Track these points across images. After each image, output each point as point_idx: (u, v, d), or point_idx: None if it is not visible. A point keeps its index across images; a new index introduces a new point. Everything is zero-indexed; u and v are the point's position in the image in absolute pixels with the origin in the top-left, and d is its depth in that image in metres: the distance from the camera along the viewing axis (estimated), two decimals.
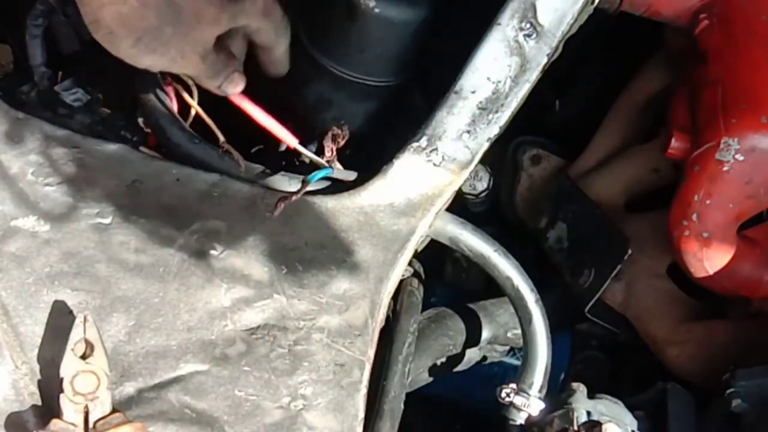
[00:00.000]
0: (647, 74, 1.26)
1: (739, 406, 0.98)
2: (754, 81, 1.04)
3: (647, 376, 1.17)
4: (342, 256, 0.98)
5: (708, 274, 1.08)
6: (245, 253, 0.96)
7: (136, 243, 0.93)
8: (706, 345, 1.14)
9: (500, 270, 1.04)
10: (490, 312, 1.21)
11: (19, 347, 0.87)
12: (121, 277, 0.91)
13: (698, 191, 1.05)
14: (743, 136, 1.02)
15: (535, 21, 0.99)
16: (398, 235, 0.99)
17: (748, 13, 1.08)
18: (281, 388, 0.92)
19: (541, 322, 1.05)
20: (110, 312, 0.90)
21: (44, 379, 0.86)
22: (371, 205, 1.00)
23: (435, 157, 1.00)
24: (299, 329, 0.94)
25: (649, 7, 1.12)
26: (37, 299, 0.88)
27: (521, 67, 1.00)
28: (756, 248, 1.10)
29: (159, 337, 0.90)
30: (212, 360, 0.91)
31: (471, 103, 1.00)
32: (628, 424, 1.00)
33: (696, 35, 1.10)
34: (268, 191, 0.99)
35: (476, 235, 1.05)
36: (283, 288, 0.95)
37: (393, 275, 0.99)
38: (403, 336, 1.03)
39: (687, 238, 1.06)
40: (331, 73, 1.07)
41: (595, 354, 1.34)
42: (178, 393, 0.89)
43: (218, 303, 0.93)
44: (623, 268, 1.18)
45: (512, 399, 1.02)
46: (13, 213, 0.91)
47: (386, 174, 1.00)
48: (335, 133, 1.01)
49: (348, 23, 1.02)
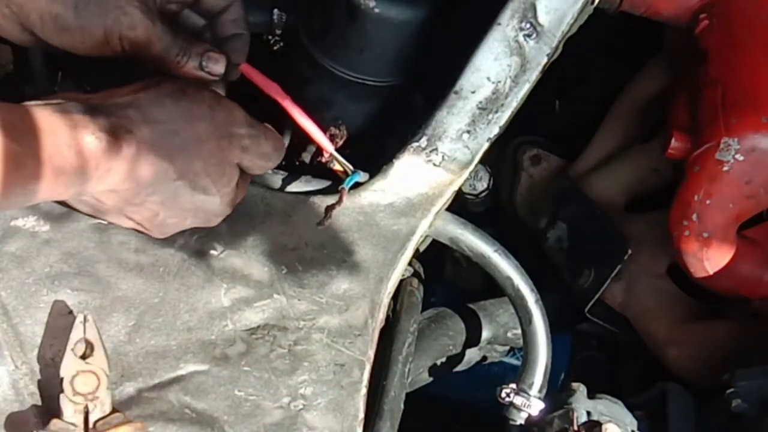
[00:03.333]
0: (647, 74, 1.26)
1: (739, 406, 0.98)
2: (754, 81, 1.04)
3: (647, 376, 1.17)
4: (342, 256, 0.98)
5: (708, 274, 1.08)
6: (245, 253, 0.96)
7: (136, 243, 0.93)
8: (706, 345, 1.14)
9: (500, 270, 1.04)
10: (490, 312, 1.21)
11: (19, 347, 0.87)
12: (121, 277, 0.91)
13: (698, 191, 1.04)
14: (743, 136, 1.02)
15: (535, 21, 0.99)
16: (398, 235, 0.99)
17: (748, 13, 1.08)
18: (281, 388, 0.92)
19: (541, 322, 1.05)
20: (110, 312, 0.90)
21: (44, 379, 0.86)
22: (371, 205, 1.00)
23: (435, 157, 1.00)
24: (299, 329, 0.94)
25: (649, 7, 1.12)
26: (37, 299, 0.88)
27: (521, 67, 1.00)
28: (756, 248, 1.10)
29: (159, 337, 0.90)
30: (212, 360, 0.91)
31: (471, 103, 1.00)
32: (628, 424, 1.00)
33: (696, 35, 1.10)
34: (268, 191, 0.99)
35: (476, 235, 1.05)
36: (283, 288, 0.95)
37: (393, 275, 0.99)
38: (403, 336, 1.03)
39: (687, 238, 1.06)
40: (331, 73, 1.07)
41: (595, 354, 1.35)
42: (178, 393, 0.89)
43: (218, 303, 0.93)
44: (623, 268, 1.18)
45: (512, 399, 1.02)
46: (13, 213, 0.90)
47: (386, 174, 1.00)
48: (333, 133, 1.01)
49: (348, 23, 1.02)
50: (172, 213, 0.88)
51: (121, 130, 0.80)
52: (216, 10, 0.95)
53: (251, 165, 0.91)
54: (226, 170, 0.89)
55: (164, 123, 0.84)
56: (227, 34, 0.95)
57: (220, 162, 0.88)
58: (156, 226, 0.90)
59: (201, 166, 0.86)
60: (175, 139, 0.84)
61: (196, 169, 0.86)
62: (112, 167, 0.80)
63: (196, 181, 0.86)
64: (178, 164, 0.84)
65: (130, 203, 0.86)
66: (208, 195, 0.88)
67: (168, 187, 0.85)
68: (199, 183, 0.86)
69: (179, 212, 0.88)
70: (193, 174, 0.86)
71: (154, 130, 0.82)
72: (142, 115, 0.82)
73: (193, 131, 0.85)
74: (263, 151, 0.92)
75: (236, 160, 0.90)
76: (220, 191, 0.89)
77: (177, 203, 0.87)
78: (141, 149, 0.81)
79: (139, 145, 0.81)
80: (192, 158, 0.85)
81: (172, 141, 0.84)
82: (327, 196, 0.99)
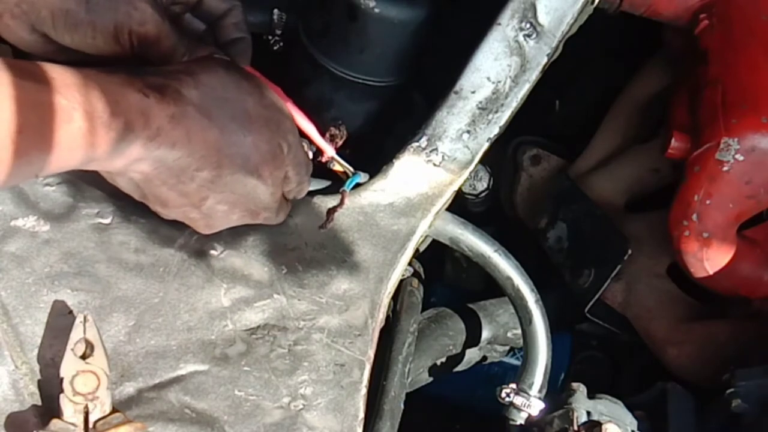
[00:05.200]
0: (647, 74, 1.26)
1: (739, 406, 0.98)
2: (754, 81, 1.04)
3: (647, 376, 1.17)
4: (342, 256, 0.98)
5: (708, 274, 1.08)
6: (245, 253, 0.96)
7: (136, 243, 0.93)
8: (706, 345, 1.14)
9: (500, 270, 1.04)
10: (490, 312, 1.21)
11: (19, 347, 0.87)
12: (121, 277, 0.91)
13: (698, 191, 1.05)
14: (743, 136, 1.02)
15: (535, 21, 0.99)
16: (398, 235, 0.99)
17: (748, 13, 1.08)
18: (281, 388, 0.92)
19: (541, 322, 1.05)
20: (110, 312, 0.90)
21: (44, 379, 0.86)
22: (371, 205, 1.00)
23: (435, 157, 1.00)
24: (299, 329, 0.94)
25: (649, 7, 1.12)
26: (37, 299, 0.88)
27: (521, 67, 1.00)
28: (756, 248, 1.10)
29: (159, 337, 0.90)
30: (212, 360, 0.91)
31: (471, 103, 1.00)
32: (628, 424, 1.00)
33: (696, 35, 1.10)
34: None
35: (476, 235, 1.05)
36: (283, 288, 0.95)
37: (393, 275, 0.99)
38: (403, 336, 1.03)
39: (687, 238, 1.06)
40: (331, 73, 1.07)
41: (595, 354, 1.35)
42: (178, 393, 0.89)
43: (218, 303, 0.93)
44: (623, 268, 1.18)
45: (512, 399, 1.02)
46: (13, 213, 0.90)
47: (386, 174, 1.00)
48: (333, 133, 1.01)
49: (348, 23, 1.02)
50: (222, 197, 0.86)
51: (169, 89, 0.79)
52: (217, 13, 0.95)
53: (291, 171, 0.90)
54: (276, 154, 0.87)
55: (215, 89, 0.82)
56: (229, 38, 0.95)
57: (270, 142, 0.86)
58: (204, 214, 0.87)
59: (252, 141, 0.84)
60: (225, 106, 0.82)
61: (247, 143, 0.84)
62: (161, 127, 0.77)
63: (247, 157, 0.84)
64: (229, 135, 0.82)
65: (179, 179, 0.83)
66: (259, 179, 0.86)
67: (218, 161, 0.83)
68: (251, 161, 0.84)
69: (228, 196, 0.86)
70: (244, 148, 0.84)
71: (204, 93, 0.81)
72: (193, 78, 0.81)
73: (243, 104, 0.84)
74: (300, 159, 0.91)
75: (285, 151, 0.88)
76: (272, 175, 0.87)
77: (227, 184, 0.85)
78: (189, 111, 0.79)
79: (188, 108, 0.79)
80: (242, 131, 0.83)
81: (223, 107, 0.82)
82: (327, 196, 0.99)
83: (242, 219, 0.91)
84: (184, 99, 0.80)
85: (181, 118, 0.79)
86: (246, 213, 0.90)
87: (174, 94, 0.79)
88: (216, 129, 0.82)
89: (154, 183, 0.84)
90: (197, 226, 0.90)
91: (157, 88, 0.78)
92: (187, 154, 0.81)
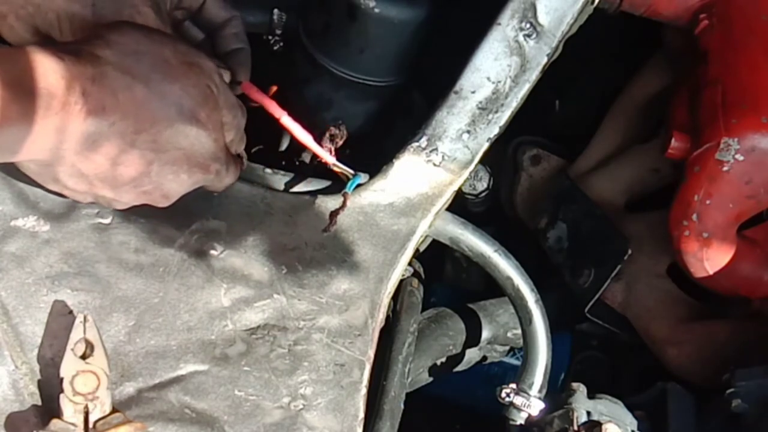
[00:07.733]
0: (647, 74, 1.26)
1: (739, 406, 0.98)
2: (754, 81, 1.04)
3: (647, 376, 1.17)
4: (342, 256, 0.98)
5: (708, 274, 1.08)
6: (245, 253, 0.96)
7: (136, 243, 0.93)
8: (706, 345, 1.14)
9: (500, 270, 1.04)
10: (490, 312, 1.21)
11: (19, 347, 0.87)
12: (121, 277, 0.91)
13: (698, 191, 1.05)
14: (743, 136, 1.02)
15: (535, 21, 0.99)
16: (398, 235, 0.99)
17: (748, 13, 1.08)
18: (281, 388, 0.92)
19: (541, 322, 1.05)
20: (110, 312, 0.90)
21: (44, 379, 0.86)
22: (371, 205, 1.00)
23: (435, 157, 1.00)
24: (299, 329, 0.94)
25: (649, 7, 1.12)
26: (37, 299, 0.88)
27: (521, 67, 1.00)
28: (756, 248, 1.10)
29: (159, 337, 0.90)
30: (212, 360, 0.91)
31: (471, 103, 1.00)
32: (628, 424, 1.00)
33: (696, 35, 1.10)
34: (268, 191, 0.99)
35: (476, 235, 1.05)
36: (283, 288, 0.95)
37: (393, 275, 0.99)
38: (403, 336, 1.03)
39: (687, 238, 1.06)
40: (331, 73, 1.07)
41: (595, 354, 1.35)
42: (178, 393, 0.89)
43: (218, 303, 0.93)
44: (623, 268, 1.18)
45: (512, 399, 1.02)
46: (13, 213, 0.91)
47: (386, 174, 1.00)
48: (333, 133, 1.01)
49: (348, 23, 1.02)
50: (167, 156, 0.82)
51: (83, 51, 0.77)
52: (217, 21, 0.95)
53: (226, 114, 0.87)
54: (207, 95, 0.84)
55: (128, 44, 0.80)
56: (229, 48, 0.94)
57: (197, 85, 0.83)
58: (155, 183, 0.84)
59: (180, 88, 0.81)
60: (143, 59, 0.80)
61: (175, 90, 0.81)
62: (85, 90, 0.76)
63: (180, 105, 0.81)
64: (155, 86, 0.80)
65: (121, 149, 0.80)
66: (198, 125, 0.83)
67: (152, 116, 0.80)
68: (184, 107, 0.82)
69: (174, 154, 0.83)
70: (174, 96, 0.81)
71: (119, 51, 0.79)
72: (103, 40, 0.80)
73: (161, 54, 0.82)
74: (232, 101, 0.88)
75: (215, 91, 0.85)
76: (209, 118, 0.84)
77: (168, 140, 0.82)
78: (109, 71, 0.78)
79: (107, 68, 0.78)
80: (167, 79, 0.81)
81: (141, 61, 0.80)
82: (327, 197, 0.99)
83: (194, 177, 0.86)
84: (101, 60, 0.78)
85: (103, 79, 0.77)
86: (196, 168, 0.85)
87: (89, 57, 0.77)
88: (140, 84, 0.79)
89: (98, 161, 0.80)
90: (154, 200, 0.87)
91: (70, 52, 0.76)
92: (120, 117, 0.78)
